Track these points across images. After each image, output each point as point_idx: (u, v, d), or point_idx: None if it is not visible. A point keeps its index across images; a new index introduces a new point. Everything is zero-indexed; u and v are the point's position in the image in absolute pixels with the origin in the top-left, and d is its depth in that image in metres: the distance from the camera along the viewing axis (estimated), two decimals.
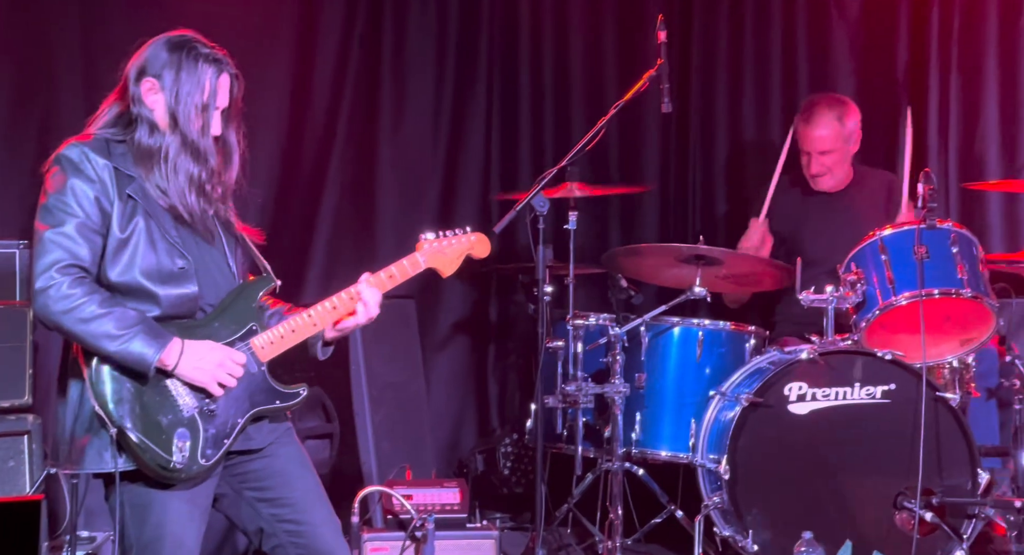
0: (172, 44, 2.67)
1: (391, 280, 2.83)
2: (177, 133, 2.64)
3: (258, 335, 2.69)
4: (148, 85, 2.65)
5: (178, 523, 2.60)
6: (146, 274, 2.60)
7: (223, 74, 2.68)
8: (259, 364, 2.69)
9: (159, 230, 2.63)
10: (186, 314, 2.65)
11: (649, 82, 3.87)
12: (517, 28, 5.14)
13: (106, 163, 2.60)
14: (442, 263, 2.91)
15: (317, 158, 4.88)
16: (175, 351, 2.58)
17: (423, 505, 3.63)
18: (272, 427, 2.75)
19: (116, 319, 2.53)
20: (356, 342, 4.29)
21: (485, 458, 4.85)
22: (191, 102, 2.63)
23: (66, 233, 2.54)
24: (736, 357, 4.17)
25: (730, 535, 3.87)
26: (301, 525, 2.72)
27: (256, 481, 2.72)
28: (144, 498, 2.58)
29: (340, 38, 4.90)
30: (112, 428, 2.52)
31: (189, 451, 2.57)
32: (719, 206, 5.20)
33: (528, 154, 5.15)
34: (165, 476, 2.57)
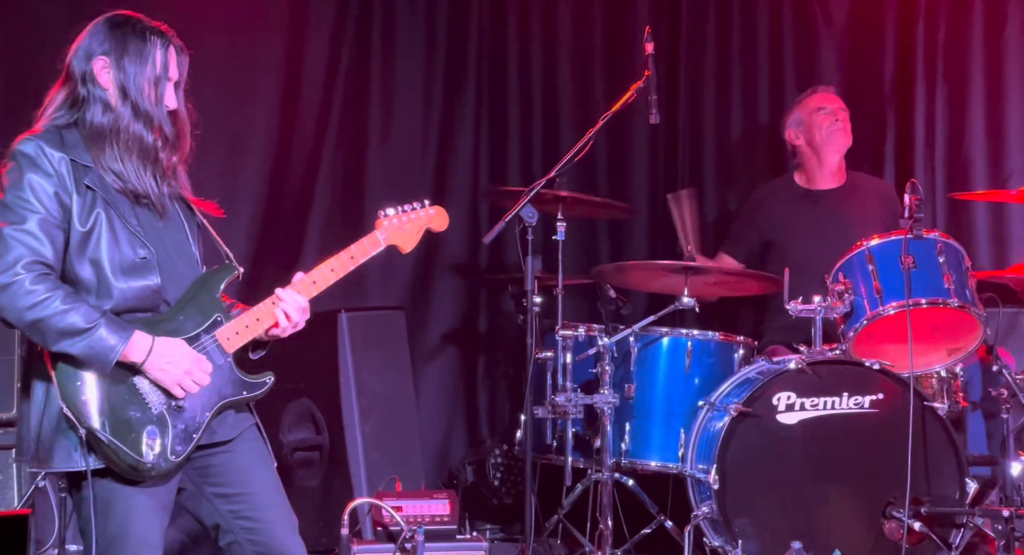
0: (115, 22, 2.66)
1: (352, 261, 2.81)
2: (128, 105, 2.61)
3: (223, 326, 2.66)
4: (101, 64, 2.62)
5: (142, 519, 2.58)
6: (110, 266, 2.57)
7: (170, 47, 2.66)
8: (225, 356, 2.66)
9: (120, 219, 2.59)
10: (148, 307, 2.61)
11: (637, 93, 3.89)
12: (505, 38, 5.16)
13: (62, 156, 2.56)
14: (402, 239, 2.90)
15: (306, 165, 4.89)
16: (142, 346, 2.55)
17: (413, 517, 3.63)
18: (237, 420, 2.73)
19: (82, 314, 2.50)
20: (346, 353, 4.29)
21: (475, 469, 4.85)
22: (142, 75, 2.61)
23: (28, 230, 2.51)
24: (725, 367, 4.18)
25: (720, 545, 3.88)
26: (257, 523, 2.69)
27: (216, 477, 2.70)
28: (109, 494, 2.56)
29: (329, 45, 4.91)
30: (81, 429, 2.50)
31: (159, 448, 2.54)
32: (708, 215, 5.21)
33: (517, 164, 5.16)
34: (136, 475, 2.55)
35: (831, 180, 4.62)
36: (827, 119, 4.56)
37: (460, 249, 5.10)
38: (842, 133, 4.56)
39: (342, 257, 2.79)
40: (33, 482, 3.69)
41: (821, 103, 4.59)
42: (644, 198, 5.18)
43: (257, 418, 2.79)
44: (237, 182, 4.63)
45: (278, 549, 2.71)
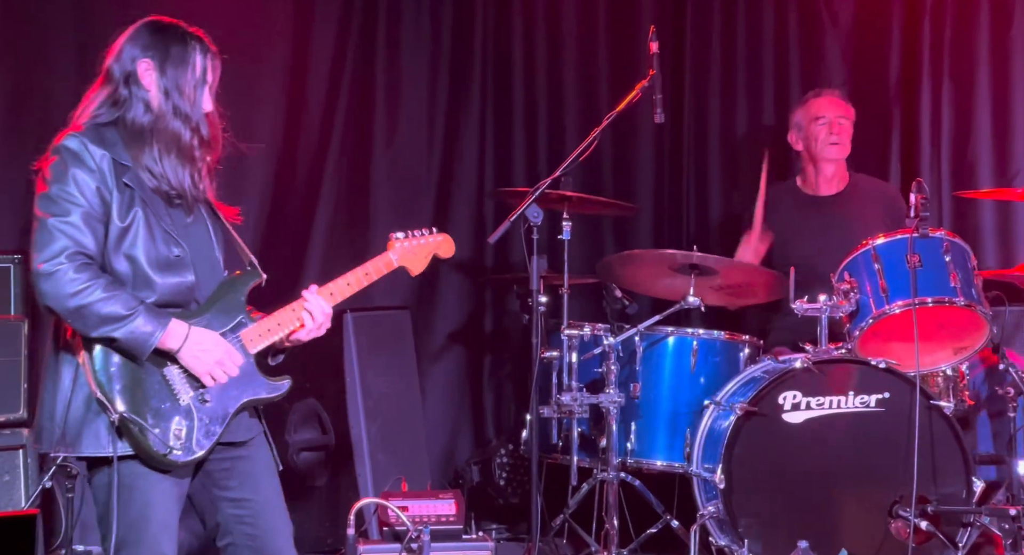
0: (157, 27, 2.77)
1: (367, 277, 2.92)
2: (169, 106, 2.72)
3: (247, 327, 2.76)
4: (145, 66, 2.73)
5: (163, 505, 2.67)
6: (147, 261, 2.67)
7: (208, 53, 2.79)
8: (248, 356, 2.76)
9: (155, 217, 2.69)
10: (181, 303, 2.72)
11: (642, 93, 3.88)
12: (510, 38, 5.16)
13: (103, 153, 2.66)
14: (412, 262, 3.02)
15: (311, 168, 4.89)
16: (179, 333, 2.65)
17: (419, 517, 3.63)
18: (250, 423, 2.83)
19: (122, 301, 2.60)
20: (351, 354, 4.29)
21: (481, 469, 4.85)
22: (184, 79, 2.73)
23: (71, 222, 2.61)
24: (730, 366, 4.18)
25: (726, 544, 3.87)
26: (258, 529, 2.79)
27: (223, 480, 2.79)
28: (131, 480, 2.64)
29: (333, 46, 4.91)
30: (114, 414, 2.58)
31: (185, 439, 2.64)
32: (713, 216, 5.21)
33: (522, 164, 5.16)
34: (162, 463, 2.63)
35: (831, 186, 4.62)
36: (823, 131, 4.55)
37: (465, 249, 5.10)
38: (837, 147, 4.54)
39: (358, 273, 2.91)
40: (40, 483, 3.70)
41: (820, 111, 4.56)
42: (649, 197, 5.17)
43: (265, 426, 2.88)
44: (242, 183, 4.63)
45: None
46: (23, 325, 3.91)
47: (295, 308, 2.81)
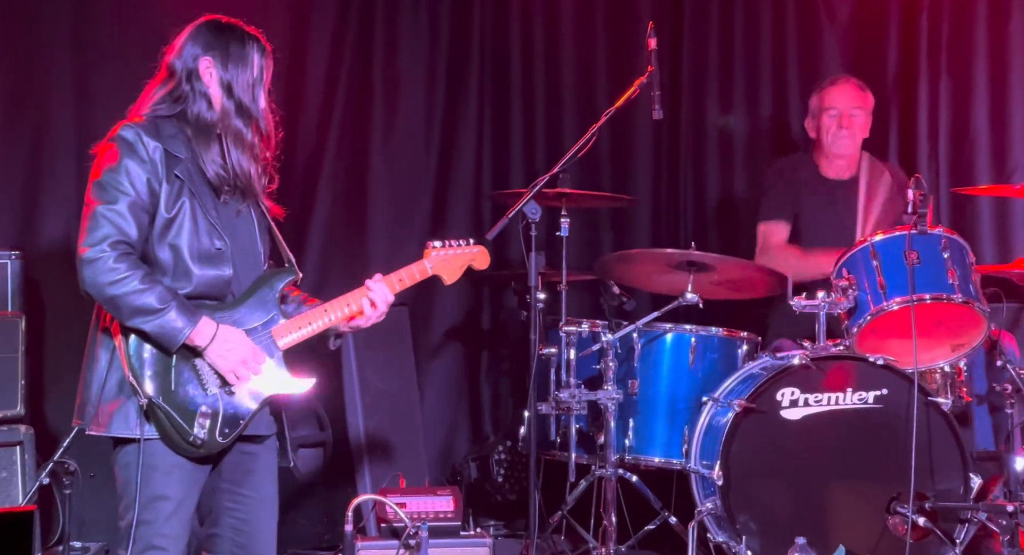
0: (218, 26, 2.88)
1: (401, 283, 3.01)
2: (232, 103, 2.82)
3: (279, 324, 2.85)
4: (206, 63, 2.83)
5: (181, 488, 2.75)
6: (188, 252, 2.76)
7: (265, 53, 2.91)
8: (277, 352, 2.85)
9: (202, 210, 2.78)
10: (217, 296, 2.81)
11: (640, 89, 3.88)
12: (508, 35, 5.15)
13: (156, 145, 2.75)
14: (447, 271, 3.10)
15: (309, 165, 4.88)
16: (208, 331, 2.74)
17: (417, 513, 3.63)
18: (270, 420, 2.92)
19: (157, 294, 2.69)
20: (349, 350, 4.29)
21: (479, 465, 4.85)
22: (243, 78, 2.84)
23: (118, 210, 2.70)
24: (729, 363, 4.18)
25: (723, 541, 3.87)
26: (247, 526, 2.87)
27: (228, 471, 2.87)
28: (152, 460, 2.72)
29: (331, 45, 4.90)
30: (143, 398, 2.68)
31: (209, 427, 2.74)
32: (710, 212, 5.21)
33: (520, 161, 5.15)
34: (185, 448, 2.73)
35: (843, 172, 4.61)
36: (833, 123, 4.53)
37: None
38: (846, 142, 4.52)
39: (391, 279, 2.99)
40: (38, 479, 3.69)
41: (832, 101, 4.53)
42: (647, 193, 5.17)
43: (282, 426, 3.07)
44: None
45: None
46: (20, 321, 3.91)
47: (327, 308, 2.90)
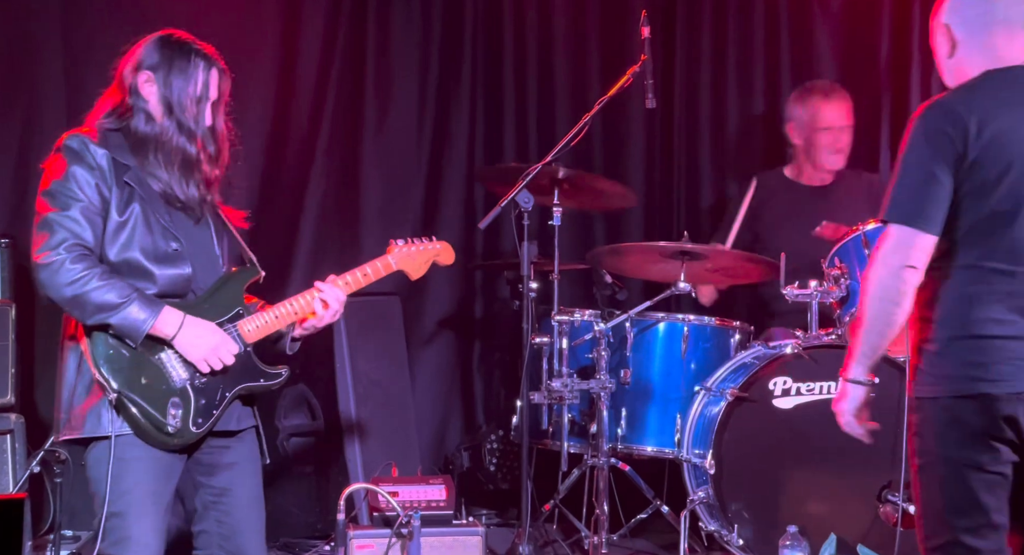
0: (166, 41, 2.88)
1: (365, 278, 3.03)
2: (173, 120, 2.83)
3: (245, 318, 2.88)
4: (144, 77, 2.84)
5: (155, 480, 2.77)
6: (143, 253, 2.79)
7: (212, 69, 2.88)
8: (245, 345, 2.87)
9: (153, 215, 2.81)
10: (180, 293, 2.83)
11: (633, 78, 3.87)
12: (501, 23, 5.14)
13: (104, 152, 2.78)
14: (411, 266, 3.15)
15: (301, 154, 4.87)
16: (173, 321, 2.76)
17: (409, 502, 3.63)
18: (244, 413, 2.93)
19: (117, 289, 2.72)
20: (341, 339, 4.28)
21: (471, 455, 4.85)
22: (185, 94, 2.83)
23: (71, 216, 2.73)
24: (721, 352, 4.18)
25: (715, 529, 3.88)
26: (231, 519, 2.89)
27: (208, 467, 2.89)
28: (125, 453, 2.73)
29: (324, 34, 4.88)
30: (111, 393, 2.70)
31: (181, 418, 2.76)
32: (704, 201, 5.21)
33: (512, 150, 5.14)
34: (160, 439, 2.75)
35: (825, 179, 4.63)
36: (828, 141, 4.55)
37: (455, 234, 5.08)
38: (839, 157, 4.56)
39: (356, 274, 3.02)
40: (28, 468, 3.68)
41: (829, 121, 4.54)
42: (640, 183, 5.16)
43: (258, 420, 2.98)
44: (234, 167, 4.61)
45: (243, 550, 2.90)
46: (10, 309, 3.89)
47: (293, 303, 2.92)
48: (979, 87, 2.49)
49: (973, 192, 2.44)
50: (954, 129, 2.42)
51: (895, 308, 2.46)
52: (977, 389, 2.45)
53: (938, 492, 2.49)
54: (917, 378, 2.56)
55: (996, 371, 2.44)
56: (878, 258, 2.46)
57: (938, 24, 2.59)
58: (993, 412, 2.45)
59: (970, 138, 2.41)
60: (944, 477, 2.48)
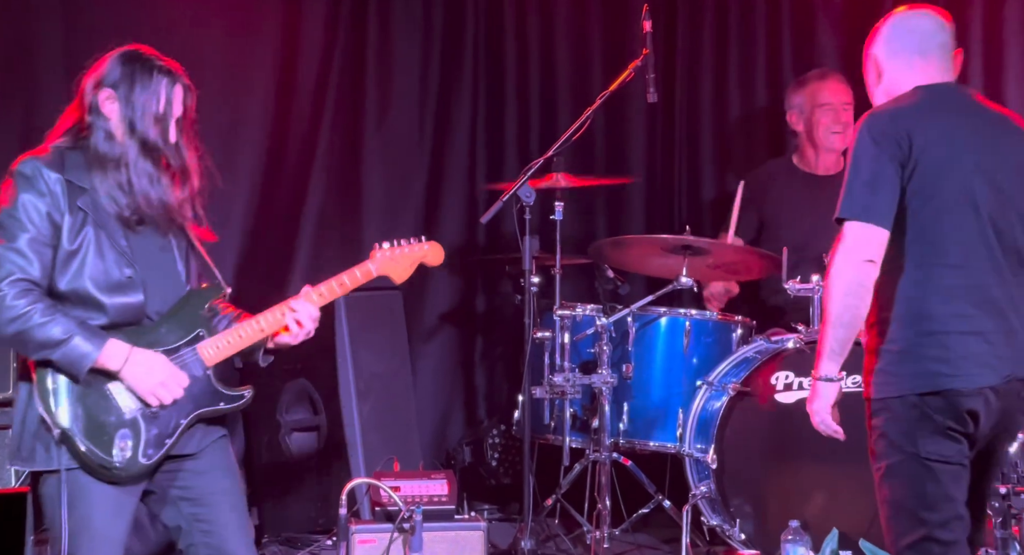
0: (128, 57, 2.80)
1: (342, 288, 2.94)
2: (135, 139, 2.75)
3: (205, 340, 2.81)
4: (105, 95, 2.77)
5: (103, 517, 2.71)
6: (94, 283, 2.71)
7: (176, 85, 2.80)
8: (204, 368, 2.80)
9: (108, 240, 2.74)
10: (132, 322, 2.76)
11: (635, 72, 3.87)
12: (502, 18, 5.13)
13: (58, 177, 2.71)
14: (394, 271, 3.04)
15: (302, 151, 4.86)
16: (118, 354, 2.70)
17: (411, 497, 3.63)
18: (205, 432, 2.86)
19: (60, 325, 2.66)
20: (343, 334, 4.28)
21: (473, 449, 4.85)
22: (148, 111, 2.75)
23: (17, 248, 2.67)
24: (723, 347, 4.18)
25: (717, 524, 3.88)
26: (213, 525, 2.83)
27: (182, 480, 2.84)
28: (74, 490, 2.68)
29: (325, 29, 4.87)
30: (56, 430, 2.66)
31: (131, 451, 2.70)
32: (705, 195, 5.20)
33: (514, 145, 5.14)
34: (106, 474, 2.69)
35: (830, 167, 4.62)
36: (828, 119, 4.54)
37: (457, 229, 5.09)
38: (840, 137, 4.54)
39: (331, 284, 2.93)
40: None
41: (825, 97, 4.54)
42: (641, 177, 5.16)
43: (226, 431, 2.92)
44: (233, 167, 4.60)
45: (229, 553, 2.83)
46: None
47: (259, 321, 2.84)
48: (912, 98, 2.69)
49: (919, 192, 2.56)
50: (898, 132, 2.57)
51: (859, 302, 2.56)
52: (942, 385, 2.54)
53: (909, 490, 2.56)
54: (878, 379, 2.63)
55: (959, 366, 2.54)
56: (839, 255, 2.57)
57: (868, 56, 2.81)
58: (958, 407, 2.54)
59: (914, 142, 2.56)
60: (915, 474, 2.56)
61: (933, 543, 2.54)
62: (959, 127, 2.63)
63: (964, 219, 2.58)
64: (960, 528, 2.57)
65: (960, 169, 2.59)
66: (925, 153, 2.56)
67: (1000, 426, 2.62)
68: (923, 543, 2.55)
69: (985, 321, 2.57)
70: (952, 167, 2.58)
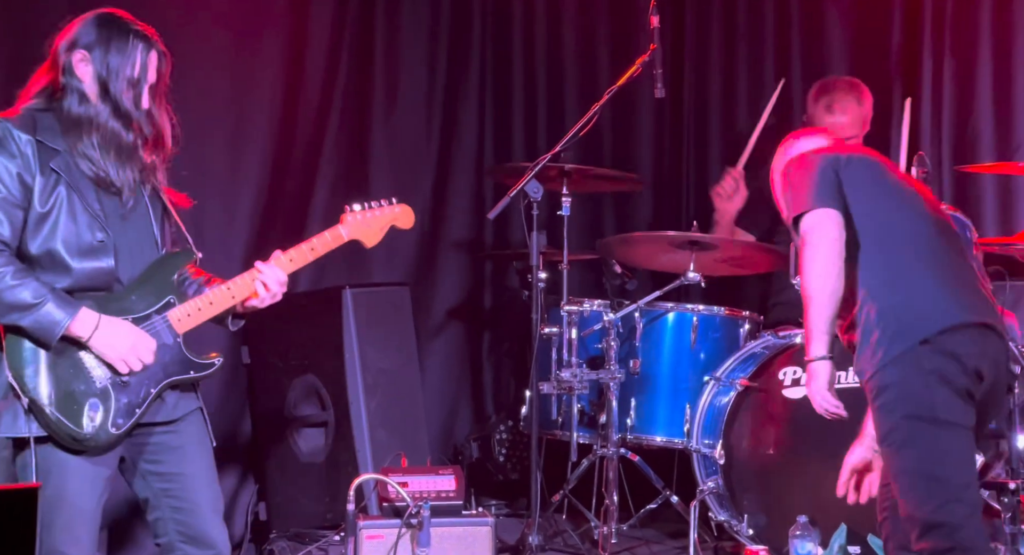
0: (103, 19, 2.76)
1: (312, 252, 2.91)
2: (108, 102, 2.72)
3: (175, 308, 2.77)
4: (79, 56, 2.73)
5: (77, 488, 2.68)
6: (65, 246, 2.68)
7: (152, 51, 2.76)
8: (175, 335, 2.77)
9: (81, 203, 2.70)
10: (101, 287, 2.73)
11: (642, 67, 3.86)
12: (510, 12, 5.13)
13: (29, 138, 2.67)
14: (365, 234, 3.00)
15: (310, 144, 4.86)
16: (88, 322, 2.66)
17: (419, 492, 3.63)
18: (180, 402, 2.83)
19: (32, 289, 2.62)
20: (350, 330, 4.28)
21: (480, 445, 4.85)
22: (122, 75, 2.72)
23: None
24: (730, 342, 4.17)
25: (725, 520, 3.88)
26: (184, 502, 2.80)
27: (152, 454, 2.81)
28: (48, 462, 2.66)
29: (332, 26, 4.87)
30: (24, 398, 2.62)
31: (100, 421, 2.66)
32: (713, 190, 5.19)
33: (521, 140, 5.14)
34: (75, 444, 2.66)
35: None
36: None
37: (465, 225, 5.09)
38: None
39: (302, 248, 2.90)
40: None
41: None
42: (649, 173, 5.16)
43: (202, 403, 2.89)
44: (241, 155, 4.61)
45: (200, 531, 2.81)
46: None
47: (229, 286, 2.82)
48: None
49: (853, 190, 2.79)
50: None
51: (835, 277, 2.70)
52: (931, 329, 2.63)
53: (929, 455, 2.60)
54: (874, 353, 2.70)
55: (939, 307, 2.67)
56: (809, 241, 2.73)
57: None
58: (967, 364, 2.63)
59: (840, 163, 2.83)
60: (933, 438, 2.60)
61: (958, 504, 2.56)
62: None
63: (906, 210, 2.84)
64: (978, 490, 2.62)
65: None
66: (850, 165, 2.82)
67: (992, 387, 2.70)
68: (948, 505, 2.55)
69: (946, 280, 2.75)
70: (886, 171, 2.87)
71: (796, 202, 2.81)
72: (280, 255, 2.88)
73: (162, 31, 2.85)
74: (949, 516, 2.55)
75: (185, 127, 3.34)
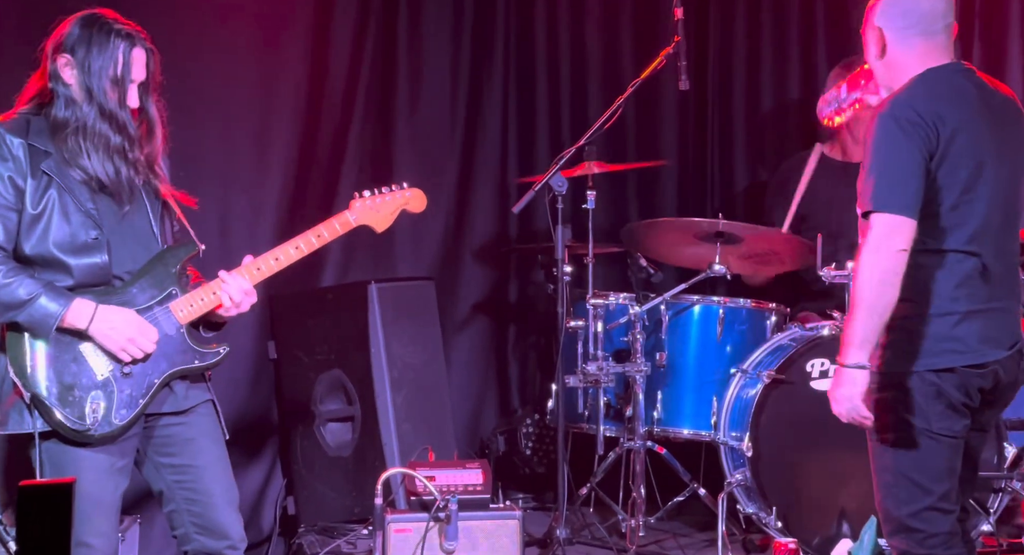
0: (85, 20, 2.77)
1: (320, 240, 2.93)
2: (94, 105, 2.74)
3: (177, 299, 2.79)
4: (63, 61, 2.75)
5: (93, 480, 2.70)
6: (58, 246, 2.71)
7: (136, 48, 2.78)
8: (178, 326, 2.79)
9: (74, 203, 2.73)
10: (100, 282, 2.75)
11: (666, 60, 3.85)
12: (533, 6, 5.11)
13: (21, 142, 2.71)
14: (374, 219, 3.02)
15: (335, 139, 4.86)
16: (84, 312, 2.68)
17: (446, 486, 3.64)
18: (190, 393, 2.84)
19: (24, 285, 2.66)
20: (376, 324, 4.30)
21: (507, 439, 4.85)
22: (104, 75, 2.73)
23: None
24: (757, 334, 4.16)
25: (754, 512, 3.87)
26: (199, 494, 2.82)
27: (165, 446, 2.83)
28: (59, 456, 2.69)
29: (356, 16, 4.87)
30: (27, 394, 2.65)
31: (103, 413, 2.69)
32: (738, 183, 5.17)
33: (545, 134, 5.13)
34: (79, 437, 2.68)
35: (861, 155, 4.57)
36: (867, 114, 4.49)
37: (490, 219, 5.08)
38: None
39: (308, 236, 2.92)
40: None
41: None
42: (673, 165, 5.13)
43: (213, 395, 2.90)
44: (266, 156, 4.63)
45: (214, 522, 2.83)
46: None
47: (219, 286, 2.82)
48: (928, 83, 2.68)
49: (941, 180, 2.61)
50: (925, 122, 2.60)
51: (893, 290, 2.59)
52: (956, 362, 2.61)
53: (917, 462, 2.62)
54: (890, 354, 2.66)
55: (969, 344, 2.61)
56: (872, 245, 2.60)
57: (871, 26, 2.78)
58: (970, 384, 2.62)
59: (941, 133, 2.60)
60: (925, 448, 2.62)
61: (935, 512, 2.62)
62: (975, 119, 2.67)
63: (977, 206, 2.64)
64: (955, 498, 2.67)
65: (974, 159, 2.64)
66: (952, 143, 2.61)
67: (995, 393, 2.69)
68: (926, 512, 2.62)
69: (991, 301, 2.65)
70: (970, 156, 2.64)
71: (874, 192, 2.60)
72: (249, 263, 2.88)
73: (187, 32, 2.85)
74: (925, 524, 2.62)
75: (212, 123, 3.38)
